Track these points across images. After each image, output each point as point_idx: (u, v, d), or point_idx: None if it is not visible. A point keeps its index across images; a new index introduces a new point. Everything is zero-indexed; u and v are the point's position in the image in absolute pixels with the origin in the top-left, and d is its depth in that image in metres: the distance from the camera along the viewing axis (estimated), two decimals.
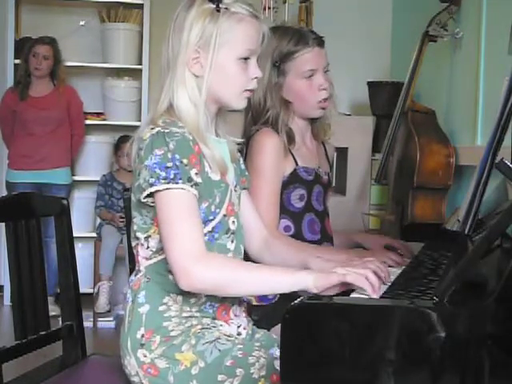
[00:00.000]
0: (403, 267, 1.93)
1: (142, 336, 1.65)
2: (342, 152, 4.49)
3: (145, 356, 1.64)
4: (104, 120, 5.13)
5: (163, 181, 1.58)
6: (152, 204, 1.63)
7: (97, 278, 4.83)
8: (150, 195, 1.61)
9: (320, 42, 2.23)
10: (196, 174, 1.62)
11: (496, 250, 1.44)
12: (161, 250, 1.66)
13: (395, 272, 1.87)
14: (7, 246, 1.83)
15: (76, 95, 4.86)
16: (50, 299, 4.19)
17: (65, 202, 1.99)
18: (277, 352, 1.73)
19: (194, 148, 1.64)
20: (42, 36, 4.72)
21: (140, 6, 5.11)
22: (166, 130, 1.61)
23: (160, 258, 1.67)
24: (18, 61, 4.81)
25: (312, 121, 2.27)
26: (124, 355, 1.68)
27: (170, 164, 1.58)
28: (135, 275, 1.73)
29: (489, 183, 1.59)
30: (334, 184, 2.43)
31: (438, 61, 3.84)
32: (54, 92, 4.73)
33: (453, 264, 1.62)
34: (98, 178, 4.99)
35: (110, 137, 5.18)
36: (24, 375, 1.86)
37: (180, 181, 1.58)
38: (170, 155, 1.59)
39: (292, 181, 2.18)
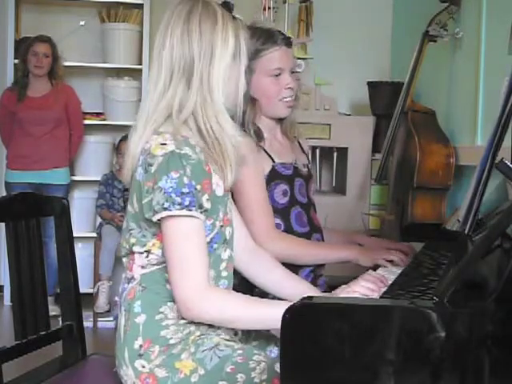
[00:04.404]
0: (403, 267, 1.93)
1: (140, 346, 1.63)
2: (342, 152, 4.49)
3: (143, 366, 1.62)
4: (104, 120, 5.13)
5: (178, 206, 1.57)
6: (157, 222, 1.61)
7: (97, 278, 4.83)
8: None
9: (288, 42, 2.23)
10: (207, 199, 1.62)
11: (496, 249, 1.44)
12: (162, 263, 1.64)
13: (395, 272, 1.87)
14: (7, 246, 1.83)
15: (74, 94, 4.85)
16: (50, 299, 4.19)
17: (65, 201, 1.99)
18: (275, 350, 1.73)
19: (206, 169, 1.63)
20: (38, 35, 4.72)
21: (140, 6, 5.10)
22: (182, 152, 1.59)
23: (157, 267, 1.65)
24: (17, 61, 4.80)
25: (280, 120, 2.27)
26: (120, 365, 1.66)
27: (185, 190, 1.57)
28: (128, 283, 1.69)
29: (489, 183, 1.59)
30: (315, 176, 2.41)
31: (438, 61, 3.84)
32: (52, 91, 4.72)
33: (453, 264, 1.62)
34: (97, 178, 4.99)
35: (109, 137, 5.18)
36: (24, 375, 1.86)
37: (193, 208, 1.58)
38: (186, 180, 1.57)
39: (272, 178, 2.18)
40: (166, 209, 1.57)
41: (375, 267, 1.98)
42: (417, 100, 3.79)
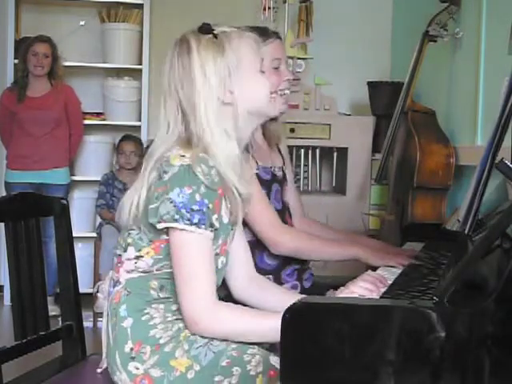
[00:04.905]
0: (403, 267, 1.93)
1: (131, 349, 1.63)
2: (342, 152, 4.49)
3: (137, 368, 1.62)
4: (104, 120, 5.13)
5: (187, 222, 1.58)
6: (160, 228, 1.61)
7: (97, 278, 4.82)
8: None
9: (278, 35, 2.23)
10: (216, 219, 1.63)
11: (496, 249, 1.44)
12: (147, 272, 1.66)
13: (395, 272, 1.87)
14: (7, 246, 1.83)
15: (73, 94, 4.85)
16: (50, 299, 4.19)
17: (64, 202, 1.99)
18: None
19: (218, 191, 1.63)
20: (38, 35, 4.71)
21: (140, 6, 5.10)
22: (198, 169, 1.59)
23: (143, 275, 1.66)
24: (17, 60, 4.80)
25: (266, 123, 2.18)
26: (113, 372, 1.66)
27: (196, 207, 1.58)
28: (113, 287, 1.70)
29: (489, 183, 1.59)
30: (290, 176, 2.37)
31: (438, 61, 3.84)
32: (52, 91, 4.72)
33: (453, 264, 1.62)
34: (97, 178, 4.99)
35: (109, 137, 5.18)
36: (24, 375, 1.86)
37: (203, 226, 1.59)
38: (198, 197, 1.58)
39: None
40: (175, 220, 1.58)
41: (374, 268, 1.98)
42: (417, 100, 3.79)
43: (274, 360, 1.59)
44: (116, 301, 1.68)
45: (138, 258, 1.67)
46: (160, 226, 1.60)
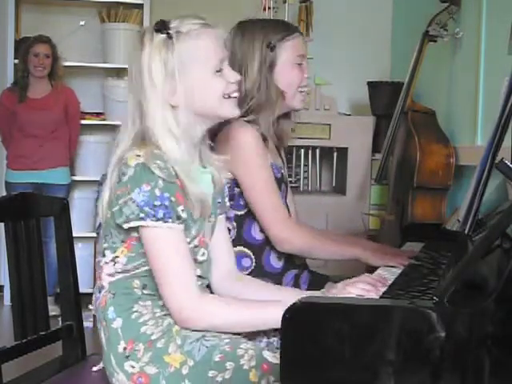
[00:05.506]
0: (403, 267, 1.93)
1: (125, 349, 1.64)
2: (342, 152, 4.49)
3: (133, 367, 1.63)
4: (104, 120, 5.12)
5: (153, 218, 1.60)
6: (128, 228, 1.64)
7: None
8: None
9: (300, 31, 2.21)
10: (182, 210, 1.64)
11: (496, 249, 1.44)
12: (127, 271, 1.67)
13: (395, 272, 1.87)
14: (7, 246, 1.83)
15: (74, 96, 4.84)
16: (50, 299, 4.18)
17: (64, 201, 2.00)
18: (264, 340, 1.78)
19: (177, 183, 1.64)
20: (38, 35, 4.71)
21: (140, 6, 5.10)
22: (153, 165, 1.61)
23: (124, 275, 1.68)
24: (18, 61, 4.80)
25: (280, 120, 2.17)
26: (111, 374, 1.67)
27: (157, 202, 1.60)
28: (99, 292, 1.72)
29: (489, 183, 1.58)
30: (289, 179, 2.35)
31: (438, 61, 3.84)
32: (52, 93, 4.72)
33: (453, 264, 1.62)
34: (97, 178, 4.97)
35: (109, 137, 5.17)
36: (24, 375, 1.86)
37: (169, 220, 1.61)
38: (158, 192, 1.60)
39: None
40: (141, 219, 1.60)
41: (374, 268, 1.98)
42: (417, 100, 3.79)
43: (268, 354, 1.60)
44: (103, 305, 1.69)
45: (114, 259, 1.69)
46: (127, 225, 1.62)
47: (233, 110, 1.75)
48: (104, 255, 1.71)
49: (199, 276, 1.74)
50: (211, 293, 1.83)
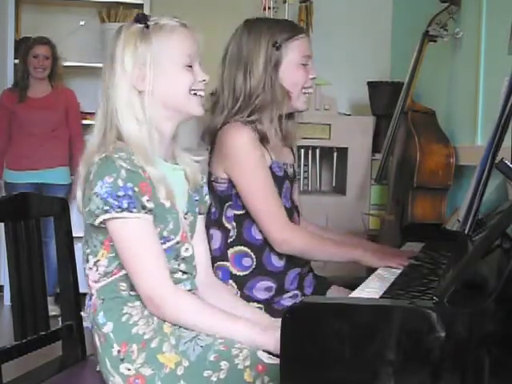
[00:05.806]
0: (403, 267, 1.93)
1: (119, 351, 1.64)
2: (342, 152, 4.49)
3: (128, 369, 1.63)
4: None
5: (118, 209, 1.60)
6: (103, 226, 1.64)
7: None
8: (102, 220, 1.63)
9: (305, 32, 2.23)
10: (148, 200, 1.64)
11: (496, 249, 1.44)
12: (109, 273, 1.68)
13: (395, 272, 1.87)
14: (7, 246, 1.83)
15: (74, 97, 4.83)
16: (50, 299, 4.18)
17: (64, 202, 1.99)
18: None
19: (143, 174, 1.64)
20: (38, 36, 4.71)
21: (140, 6, 5.10)
22: (115, 156, 1.62)
23: (109, 280, 1.69)
24: (17, 61, 4.80)
25: (284, 120, 2.17)
26: (107, 378, 1.67)
27: (121, 193, 1.60)
28: (89, 300, 1.73)
29: (489, 183, 1.58)
30: (298, 176, 2.35)
31: (438, 61, 3.84)
32: (52, 93, 4.71)
33: (453, 264, 1.62)
34: None
35: None
36: (24, 375, 1.86)
37: (134, 209, 1.61)
38: (121, 183, 1.60)
39: None
40: (106, 211, 1.60)
41: (374, 269, 1.97)
42: (417, 100, 3.79)
43: (262, 354, 1.60)
44: (93, 311, 1.70)
45: (96, 263, 1.69)
46: (97, 221, 1.62)
47: (197, 108, 1.77)
48: (87, 261, 1.71)
49: (184, 272, 1.75)
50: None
